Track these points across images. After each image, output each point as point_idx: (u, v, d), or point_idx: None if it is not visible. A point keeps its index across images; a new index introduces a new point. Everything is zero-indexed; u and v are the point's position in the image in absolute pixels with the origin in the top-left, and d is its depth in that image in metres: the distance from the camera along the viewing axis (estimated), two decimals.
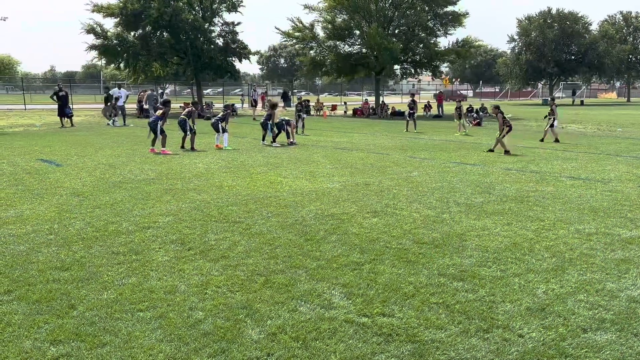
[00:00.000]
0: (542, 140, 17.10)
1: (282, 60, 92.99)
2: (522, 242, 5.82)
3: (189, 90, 62.50)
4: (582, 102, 59.07)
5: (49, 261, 5.11)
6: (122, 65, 35.68)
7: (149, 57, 34.49)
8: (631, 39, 67.14)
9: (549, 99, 18.68)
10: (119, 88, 25.19)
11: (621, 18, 68.28)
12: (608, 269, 4.97)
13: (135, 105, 31.73)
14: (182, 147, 14.39)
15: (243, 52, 37.26)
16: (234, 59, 37.52)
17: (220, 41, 37.22)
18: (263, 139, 15.90)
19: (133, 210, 7.14)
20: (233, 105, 24.63)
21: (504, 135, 13.67)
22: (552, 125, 16.93)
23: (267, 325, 3.77)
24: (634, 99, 72.53)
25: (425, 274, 4.84)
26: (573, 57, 59.24)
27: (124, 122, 24.10)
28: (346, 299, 4.23)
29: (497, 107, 14.41)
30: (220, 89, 56.19)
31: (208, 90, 69.70)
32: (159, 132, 13.63)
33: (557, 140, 16.72)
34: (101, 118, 27.05)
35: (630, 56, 66.15)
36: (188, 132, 14.30)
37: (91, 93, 59.34)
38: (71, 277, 4.70)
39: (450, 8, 34.24)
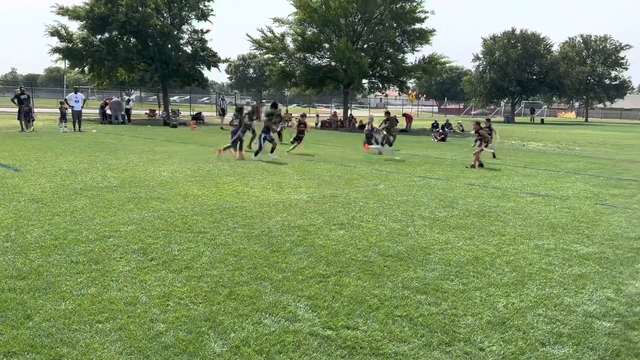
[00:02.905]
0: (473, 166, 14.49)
1: (251, 70, 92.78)
2: (484, 256, 5.94)
3: (155, 96, 61.63)
4: (542, 120, 61.02)
5: (5, 270, 4.91)
6: (86, 69, 34.92)
7: (115, 62, 33.89)
8: (590, 61, 69.98)
9: (485, 119, 17.76)
10: (76, 92, 24.59)
11: (581, 41, 71.15)
12: (566, 284, 5.12)
13: (97, 111, 31.04)
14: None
15: (212, 60, 37.03)
16: (202, 66, 37.26)
17: (188, 49, 36.92)
18: (272, 151, 14.85)
19: (94, 219, 6.95)
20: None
21: (482, 150, 14.34)
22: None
23: (231, 338, 3.72)
24: (591, 119, 75.46)
25: (390, 286, 4.88)
26: (535, 77, 61.25)
27: (79, 127, 23.45)
28: (311, 312, 4.22)
29: (477, 123, 15.10)
30: (188, 97, 55.59)
31: (175, 98, 68.90)
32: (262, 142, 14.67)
33: (481, 165, 14.43)
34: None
35: (589, 78, 68.92)
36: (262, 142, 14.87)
37: (54, 97, 57.76)
38: (28, 286, 4.53)
39: (417, 25, 34.96)
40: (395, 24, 34.40)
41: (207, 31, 37.17)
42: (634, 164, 16.64)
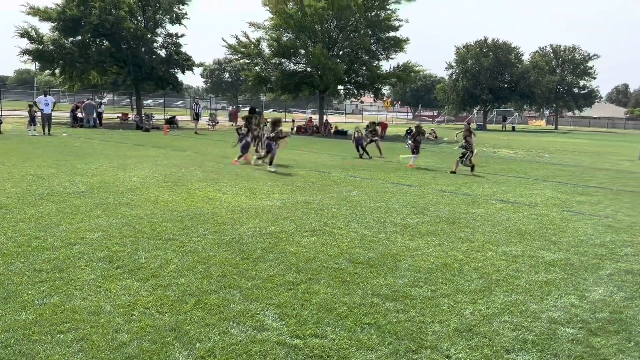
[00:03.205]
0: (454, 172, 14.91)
1: (227, 75, 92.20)
2: (453, 262, 6.01)
3: (129, 100, 60.73)
4: (513, 128, 62.23)
5: None
6: (57, 71, 34.22)
7: (87, 64, 33.31)
8: (559, 70, 71.73)
9: (466, 122, 17.84)
10: (45, 95, 24.08)
11: (551, 50, 72.89)
12: (532, 290, 5.21)
13: (67, 114, 30.44)
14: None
15: (186, 63, 36.71)
16: (176, 70, 36.90)
17: (162, 52, 36.54)
18: (271, 163, 13.83)
19: (60, 225, 6.79)
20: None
21: (469, 157, 14.85)
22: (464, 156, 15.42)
23: (196, 349, 3.67)
24: (561, 127, 77.29)
25: (360, 294, 4.88)
26: (506, 86, 62.45)
27: (49, 131, 22.95)
28: (279, 320, 4.19)
29: (468, 130, 15.58)
30: (162, 100, 54.97)
31: (149, 101, 68.03)
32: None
33: (453, 172, 14.81)
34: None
35: (559, 87, 70.61)
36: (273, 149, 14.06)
37: (24, 99, 56.36)
38: None
39: (392, 33, 35.37)
40: (370, 32, 34.75)
41: (182, 35, 36.84)
42: (599, 171, 17.08)
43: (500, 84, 61.71)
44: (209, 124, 33.85)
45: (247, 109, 17.83)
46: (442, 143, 29.83)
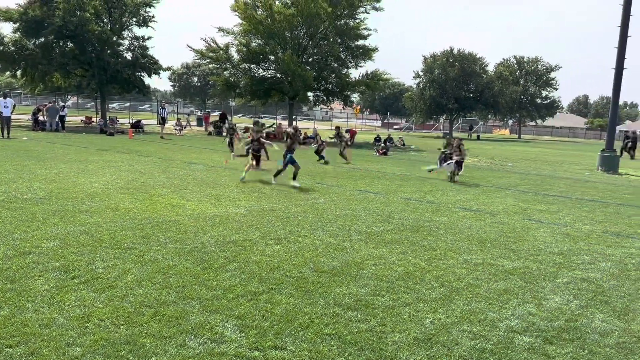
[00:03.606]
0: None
1: (195, 79, 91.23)
2: (415, 271, 6.06)
3: (93, 103, 59.35)
4: (478, 137, 63.53)
5: None
6: (18, 73, 33.23)
7: (50, 66, 32.45)
8: (523, 81, 73.73)
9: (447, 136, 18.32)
10: (5, 97, 23.32)
11: (515, 62, 74.88)
12: (491, 299, 5.30)
13: (28, 117, 29.55)
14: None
15: (153, 67, 36.17)
16: (142, 73, 36.32)
17: (129, 55, 35.92)
18: (294, 178, 12.63)
19: (14, 233, 6.55)
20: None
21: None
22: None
23: None
24: (524, 136, 79.33)
25: (322, 303, 4.87)
26: (471, 95, 63.76)
27: (8, 134, 22.23)
28: (239, 332, 4.13)
29: (460, 139, 15.96)
30: (128, 104, 53.94)
31: (114, 105, 66.59)
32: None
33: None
34: None
35: (522, 97, 72.54)
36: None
37: None
38: None
39: (361, 42, 35.70)
40: (339, 40, 34.99)
41: (149, 38, 36.34)
42: (560, 180, 17.57)
43: (466, 93, 62.98)
44: (175, 129, 33.40)
45: (218, 114, 17.73)
46: (410, 150, 30.21)
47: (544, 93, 74.69)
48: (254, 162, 13.35)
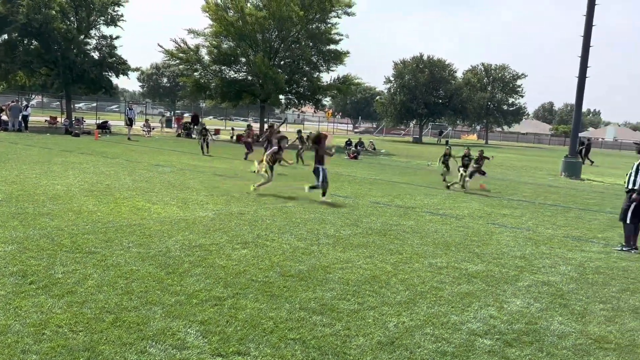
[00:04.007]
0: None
1: (165, 80, 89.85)
2: (381, 274, 6.11)
3: (59, 102, 57.88)
4: (447, 142, 64.56)
5: None
6: None
7: (13, 65, 31.51)
8: (490, 88, 75.20)
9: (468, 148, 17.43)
10: None
11: (482, 68, 76.35)
12: (454, 302, 5.38)
13: None
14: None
15: (121, 67, 35.50)
16: (110, 73, 35.61)
17: (96, 54, 35.17)
18: (324, 194, 11.19)
19: None
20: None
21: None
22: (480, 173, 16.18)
23: None
24: (491, 142, 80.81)
25: (287, 308, 4.85)
26: (440, 101, 64.74)
27: None
28: (202, 338, 4.08)
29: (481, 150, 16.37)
30: (94, 104, 52.77)
31: (81, 105, 65.04)
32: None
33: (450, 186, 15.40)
34: None
35: (489, 103, 73.95)
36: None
37: None
38: None
39: (333, 46, 35.86)
40: (311, 44, 35.05)
41: (117, 37, 35.62)
42: (524, 185, 17.99)
43: (435, 99, 63.91)
44: (143, 130, 32.86)
45: (189, 115, 17.55)
46: (380, 155, 30.46)
47: (510, 100, 76.31)
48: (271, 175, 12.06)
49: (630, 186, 8.50)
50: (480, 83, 73.06)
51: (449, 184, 15.65)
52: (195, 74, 36.48)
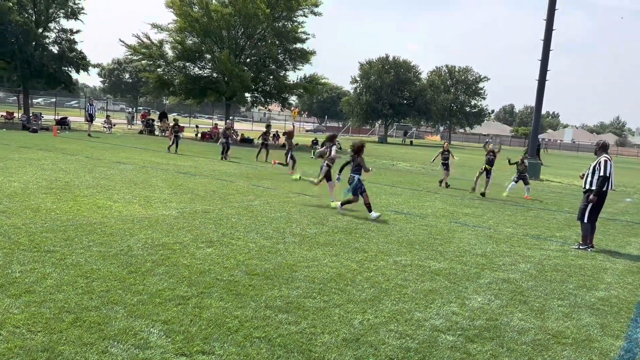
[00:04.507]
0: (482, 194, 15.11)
1: (127, 75, 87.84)
2: (346, 272, 6.15)
3: (15, 97, 55.86)
4: (411, 142, 65.48)
5: None
6: None
7: None
8: (453, 89, 76.72)
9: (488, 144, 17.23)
10: None
11: (446, 70, 77.80)
12: (417, 299, 5.47)
13: None
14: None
15: (81, 62, 34.53)
16: (70, 68, 34.58)
17: (55, 49, 34.09)
18: (370, 210, 9.93)
19: None
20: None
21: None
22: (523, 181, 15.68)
23: None
24: (454, 142, 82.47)
25: (253, 306, 4.83)
26: (405, 102, 65.70)
27: None
28: (165, 337, 4.01)
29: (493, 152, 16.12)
30: (53, 100, 51.14)
31: (39, 100, 62.94)
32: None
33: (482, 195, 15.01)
34: None
35: (452, 105, 75.46)
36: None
37: None
38: None
39: (299, 45, 35.87)
40: (277, 42, 34.93)
41: (77, 31, 34.61)
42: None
43: (400, 99, 64.76)
44: (104, 127, 32.07)
45: (156, 113, 17.16)
46: (347, 154, 30.62)
47: (473, 102, 78.06)
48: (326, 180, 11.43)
49: (587, 186, 8.83)
50: (444, 85, 74.44)
51: (441, 182, 16.26)
52: (159, 69, 35.84)
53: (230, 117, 39.81)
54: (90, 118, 28.57)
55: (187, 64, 35.60)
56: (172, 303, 4.72)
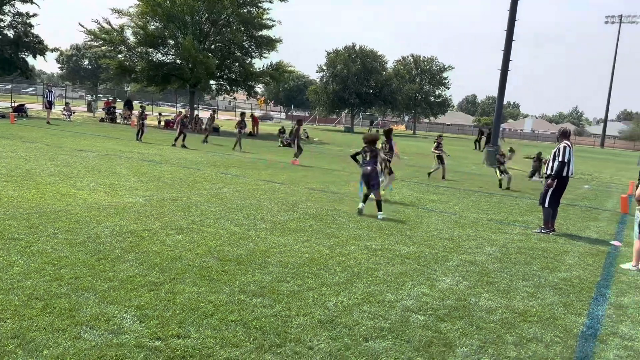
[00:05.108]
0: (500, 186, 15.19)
1: (87, 62, 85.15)
2: (319, 257, 6.20)
3: None
4: (377, 131, 66.04)
5: None
6: None
7: None
8: (418, 79, 77.52)
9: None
10: None
11: (412, 60, 78.47)
12: (389, 281, 5.57)
13: None
14: None
15: (38, 47, 33.26)
16: (26, 53, 33.27)
17: (10, 33, 32.70)
18: (364, 200, 9.37)
19: None
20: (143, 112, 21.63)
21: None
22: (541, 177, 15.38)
23: (43, 356, 3.34)
24: (419, 132, 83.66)
25: (227, 291, 4.82)
26: (371, 91, 66.03)
27: None
28: (139, 322, 3.97)
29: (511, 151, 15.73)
30: (9, 86, 49.15)
31: None
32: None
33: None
34: None
35: (417, 94, 76.29)
36: None
37: None
38: None
39: (265, 32, 35.46)
40: (243, 28, 34.45)
41: (34, 15, 33.28)
42: (449, 173, 18.79)
43: (366, 89, 65.03)
44: (64, 114, 31.08)
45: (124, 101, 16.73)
46: (314, 143, 30.63)
47: (437, 92, 79.09)
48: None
49: (548, 172, 9.13)
50: (409, 74, 75.06)
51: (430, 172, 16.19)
52: (120, 55, 34.83)
53: (177, 105, 39.27)
54: (49, 105, 27.61)
55: (150, 49, 34.71)
56: (144, 289, 4.66)
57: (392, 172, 11.74)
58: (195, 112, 37.17)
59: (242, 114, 22.42)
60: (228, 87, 37.54)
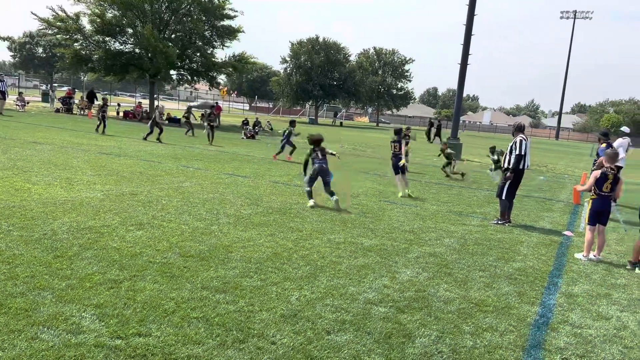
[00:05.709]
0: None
1: (41, 50, 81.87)
2: (282, 251, 6.23)
3: None
4: (341, 123, 66.29)
5: None
6: None
7: None
8: (381, 72, 78.12)
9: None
10: None
11: (374, 52, 78.95)
12: (351, 274, 5.65)
13: None
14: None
15: None
16: None
17: None
18: (311, 196, 9.49)
19: None
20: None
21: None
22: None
23: None
24: (381, 124, 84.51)
25: (189, 288, 4.79)
26: (335, 83, 66.17)
27: None
28: (98, 321, 3.91)
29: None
30: None
31: None
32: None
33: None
34: None
35: (380, 87, 76.90)
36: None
37: None
38: None
39: (227, 22, 34.96)
40: (204, 17, 33.86)
41: None
42: (410, 165, 19.10)
43: (330, 81, 65.11)
44: (17, 105, 29.89)
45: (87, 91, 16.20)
46: (277, 135, 30.50)
47: (399, 84, 79.91)
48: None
49: (505, 165, 9.41)
50: (372, 67, 75.51)
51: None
52: (76, 44, 33.66)
53: (136, 95, 38.42)
54: (1, 95, 26.50)
55: (107, 38, 33.70)
56: (103, 287, 4.59)
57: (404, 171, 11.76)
58: (156, 103, 36.37)
59: (212, 107, 22.21)
60: (189, 78, 36.88)
